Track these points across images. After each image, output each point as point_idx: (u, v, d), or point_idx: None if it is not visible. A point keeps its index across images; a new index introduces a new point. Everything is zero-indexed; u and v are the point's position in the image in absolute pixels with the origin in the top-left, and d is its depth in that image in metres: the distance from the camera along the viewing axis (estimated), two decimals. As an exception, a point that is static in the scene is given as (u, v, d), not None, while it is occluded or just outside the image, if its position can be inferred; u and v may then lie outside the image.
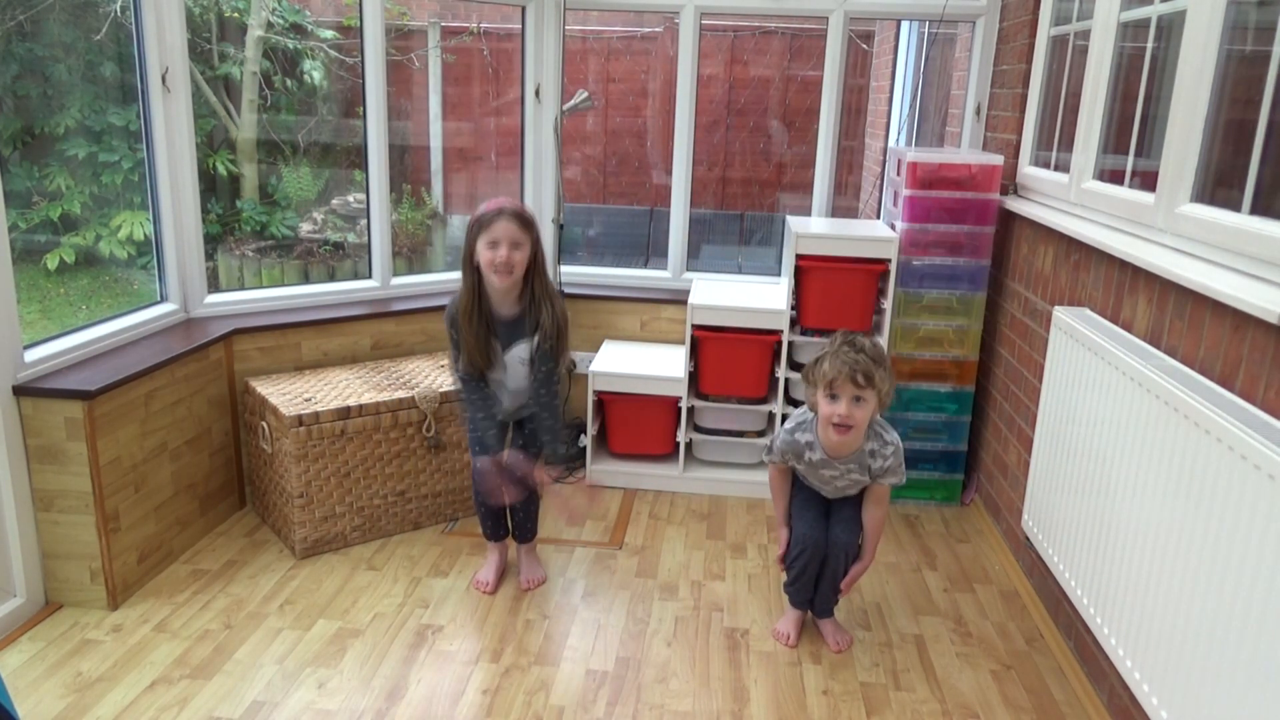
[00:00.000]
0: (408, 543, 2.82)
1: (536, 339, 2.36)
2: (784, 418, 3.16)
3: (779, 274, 3.60)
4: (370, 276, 3.32)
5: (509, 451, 2.46)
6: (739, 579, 2.69)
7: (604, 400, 3.25)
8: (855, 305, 3.04)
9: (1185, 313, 1.86)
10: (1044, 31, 2.86)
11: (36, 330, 4.26)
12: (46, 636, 2.28)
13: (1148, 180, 2.13)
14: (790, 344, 3.14)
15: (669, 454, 3.31)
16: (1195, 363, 1.81)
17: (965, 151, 3.28)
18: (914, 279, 3.03)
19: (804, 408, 2.33)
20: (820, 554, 2.31)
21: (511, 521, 2.63)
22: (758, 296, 3.25)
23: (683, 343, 3.27)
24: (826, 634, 2.39)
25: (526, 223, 2.30)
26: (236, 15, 5.10)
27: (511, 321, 2.38)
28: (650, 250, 5.71)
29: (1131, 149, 2.26)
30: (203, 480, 2.77)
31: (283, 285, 4.55)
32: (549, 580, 2.64)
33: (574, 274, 3.65)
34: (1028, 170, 2.94)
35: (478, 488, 2.51)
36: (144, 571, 2.52)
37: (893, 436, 2.25)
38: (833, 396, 2.12)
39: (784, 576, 2.41)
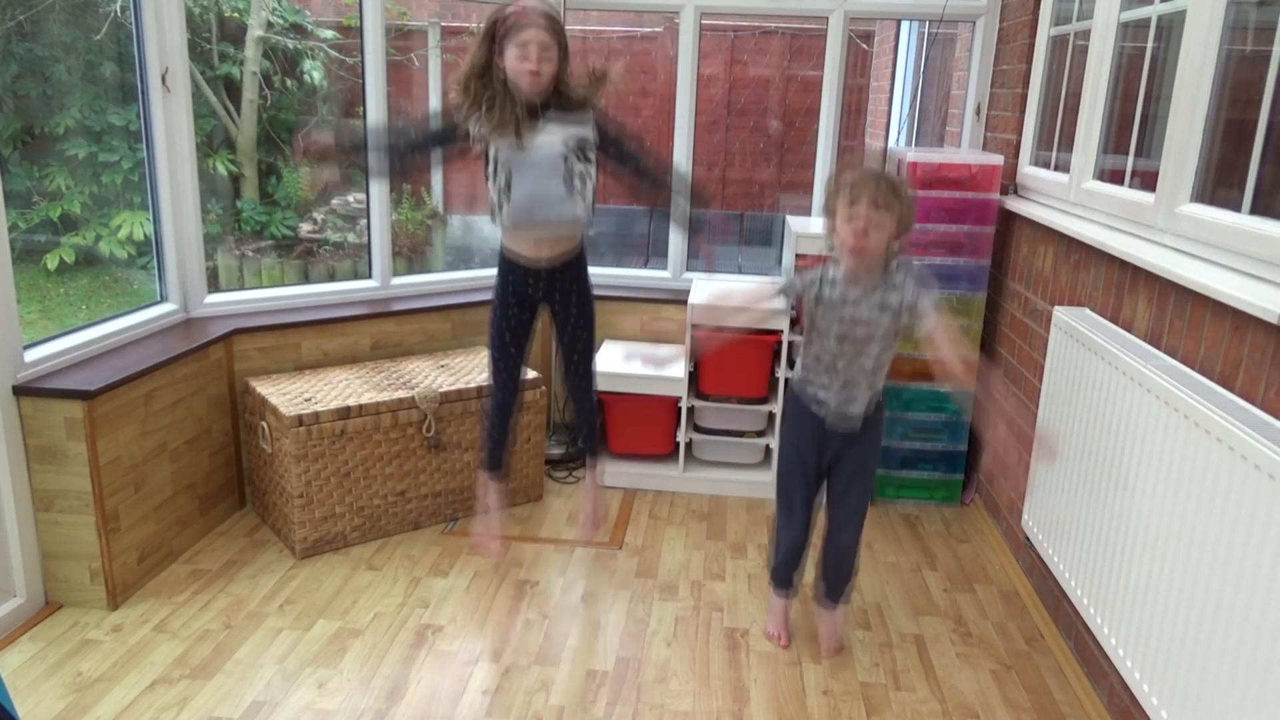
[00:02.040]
0: (408, 543, 2.82)
1: (582, 124, 2.21)
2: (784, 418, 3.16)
3: (779, 274, 3.60)
4: (370, 276, 3.32)
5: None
6: (739, 579, 2.69)
7: (604, 400, 3.25)
8: (855, 305, 3.04)
9: (1185, 313, 1.86)
10: (1044, 31, 2.86)
11: (36, 330, 4.26)
12: (46, 636, 2.28)
13: (1148, 180, 2.13)
14: (790, 344, 3.14)
15: (669, 454, 3.31)
16: (1195, 363, 1.81)
17: (965, 151, 3.28)
18: (914, 279, 3.03)
19: (814, 269, 2.17)
20: (800, 558, 2.30)
21: (579, 428, 2.61)
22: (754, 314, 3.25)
23: (683, 343, 3.27)
24: (824, 629, 2.34)
25: (557, 29, 2.14)
26: (236, 15, 5.11)
27: (536, 112, 2.19)
28: (650, 250, 5.71)
29: (1131, 149, 2.26)
30: (203, 480, 2.77)
31: (283, 285, 4.55)
32: (549, 580, 2.64)
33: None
34: (1028, 170, 2.94)
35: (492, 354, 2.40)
36: (144, 571, 2.52)
37: (904, 263, 2.11)
38: (853, 205, 2.00)
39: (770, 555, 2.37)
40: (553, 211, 2.22)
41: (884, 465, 3.15)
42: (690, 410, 3.25)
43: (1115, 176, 2.34)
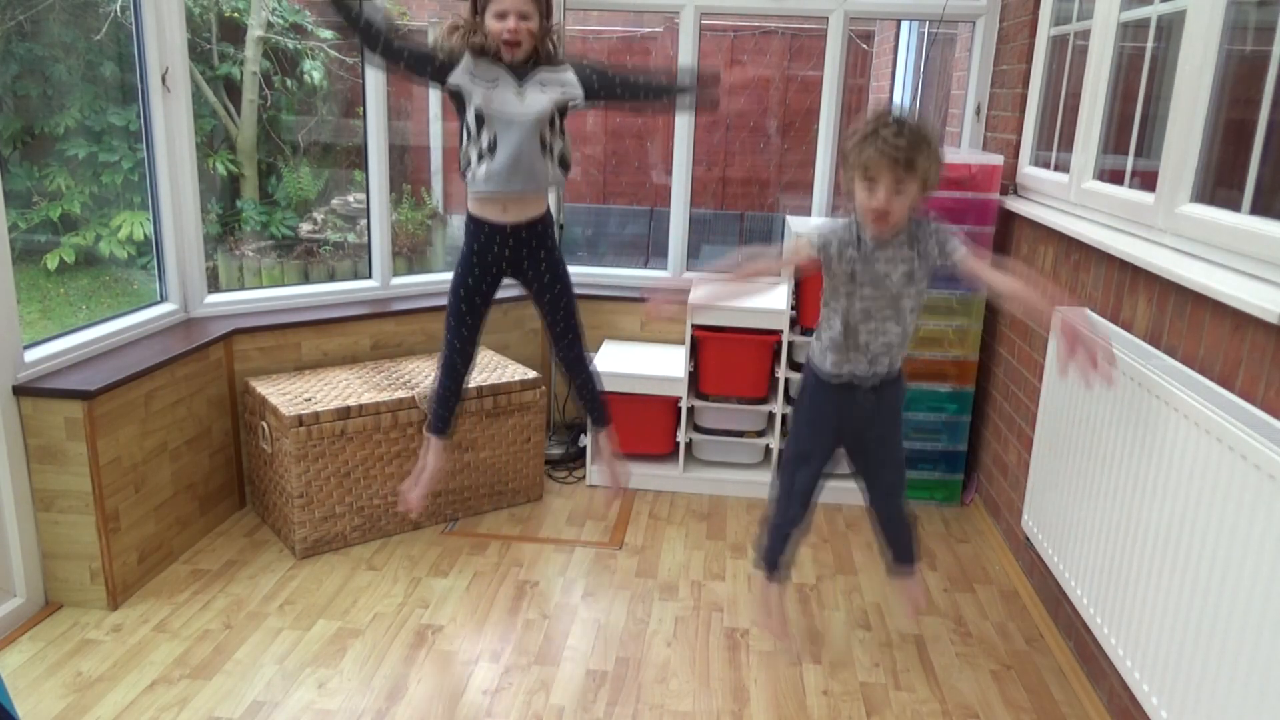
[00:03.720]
0: (408, 543, 2.82)
1: (564, 84, 2.20)
2: (784, 418, 3.17)
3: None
4: (370, 276, 3.32)
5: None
6: (739, 579, 2.69)
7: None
8: (855, 305, 3.04)
9: (1185, 313, 1.86)
10: (1044, 31, 2.86)
11: (36, 330, 4.26)
12: (46, 636, 2.28)
13: (1148, 180, 2.13)
14: (790, 344, 3.14)
15: (669, 454, 3.30)
16: (1195, 363, 1.81)
17: (965, 151, 3.28)
18: (914, 279, 3.02)
19: (840, 220, 2.06)
20: (806, 519, 2.20)
21: (582, 400, 2.55)
22: (758, 296, 3.25)
23: (683, 343, 3.27)
24: (907, 594, 2.32)
25: None
26: (236, 15, 5.10)
27: (517, 74, 2.19)
28: (650, 250, 5.71)
29: (1131, 149, 2.26)
30: (203, 480, 2.77)
31: (283, 285, 4.55)
32: (549, 580, 2.64)
33: (574, 274, 3.64)
34: (1028, 170, 2.94)
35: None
36: (144, 571, 2.52)
37: (928, 218, 2.03)
38: (870, 186, 1.89)
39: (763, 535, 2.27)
40: (531, 173, 2.21)
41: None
42: (690, 410, 3.25)
43: (1115, 176, 2.34)
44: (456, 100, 2.20)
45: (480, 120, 2.18)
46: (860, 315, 2.03)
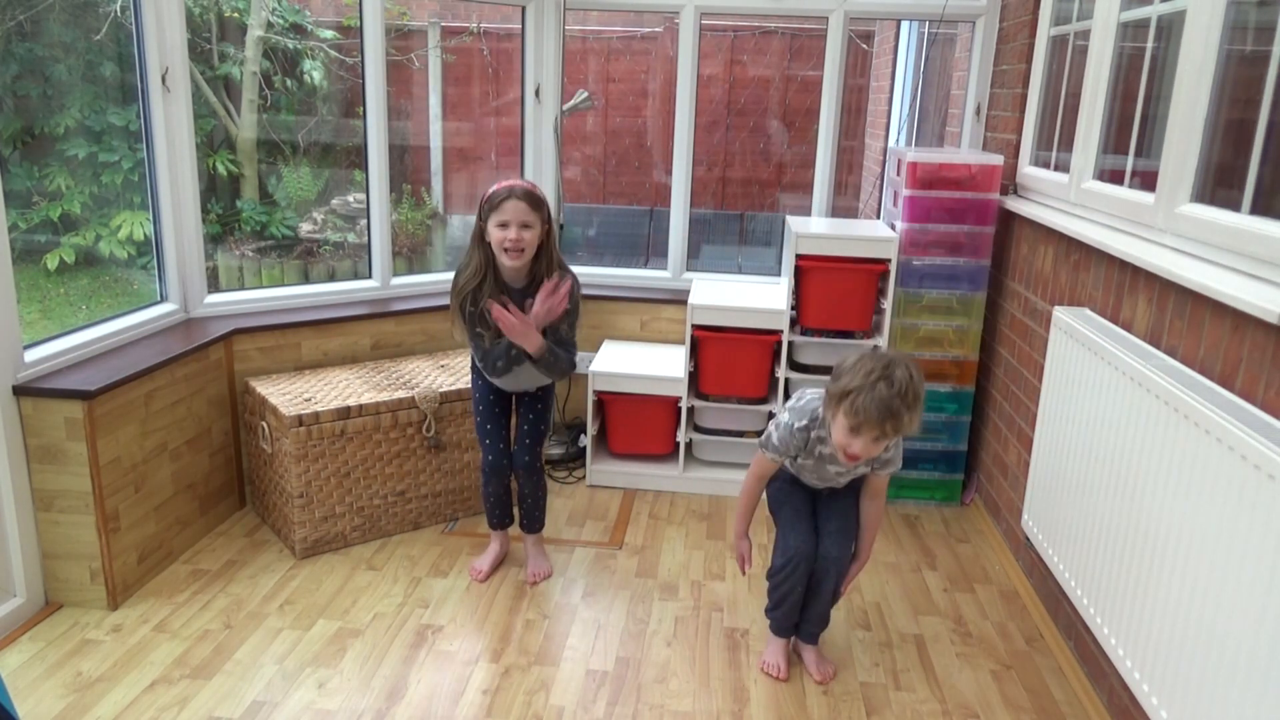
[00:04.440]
0: (408, 543, 2.82)
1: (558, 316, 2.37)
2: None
3: (779, 274, 3.60)
4: (370, 276, 3.32)
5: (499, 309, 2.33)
6: (739, 579, 2.69)
7: (604, 400, 3.25)
8: (855, 305, 3.04)
9: (1185, 313, 1.86)
10: (1044, 31, 2.86)
11: (36, 330, 4.26)
12: (46, 636, 2.28)
13: (1148, 180, 2.13)
14: (790, 344, 3.14)
15: (669, 454, 3.30)
16: (1195, 363, 1.81)
17: (965, 151, 3.28)
18: (914, 279, 3.03)
19: (812, 396, 2.14)
20: (809, 570, 2.18)
21: (519, 510, 2.66)
22: (758, 296, 3.25)
23: (683, 343, 3.27)
24: (810, 663, 2.27)
25: (537, 202, 2.30)
26: (236, 15, 5.10)
27: (522, 293, 2.38)
28: (650, 250, 5.71)
29: (1131, 149, 2.26)
30: (203, 480, 2.77)
31: (283, 285, 4.54)
32: (549, 580, 2.64)
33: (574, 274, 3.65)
34: (1028, 170, 2.94)
35: (485, 475, 2.59)
36: (144, 571, 2.52)
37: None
38: (854, 429, 1.94)
39: (766, 600, 2.27)
40: (531, 378, 2.48)
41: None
42: (690, 410, 3.25)
43: (1115, 176, 2.34)
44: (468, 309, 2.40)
45: (479, 331, 2.39)
46: (813, 484, 2.25)
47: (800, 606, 2.24)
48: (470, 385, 2.61)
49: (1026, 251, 2.83)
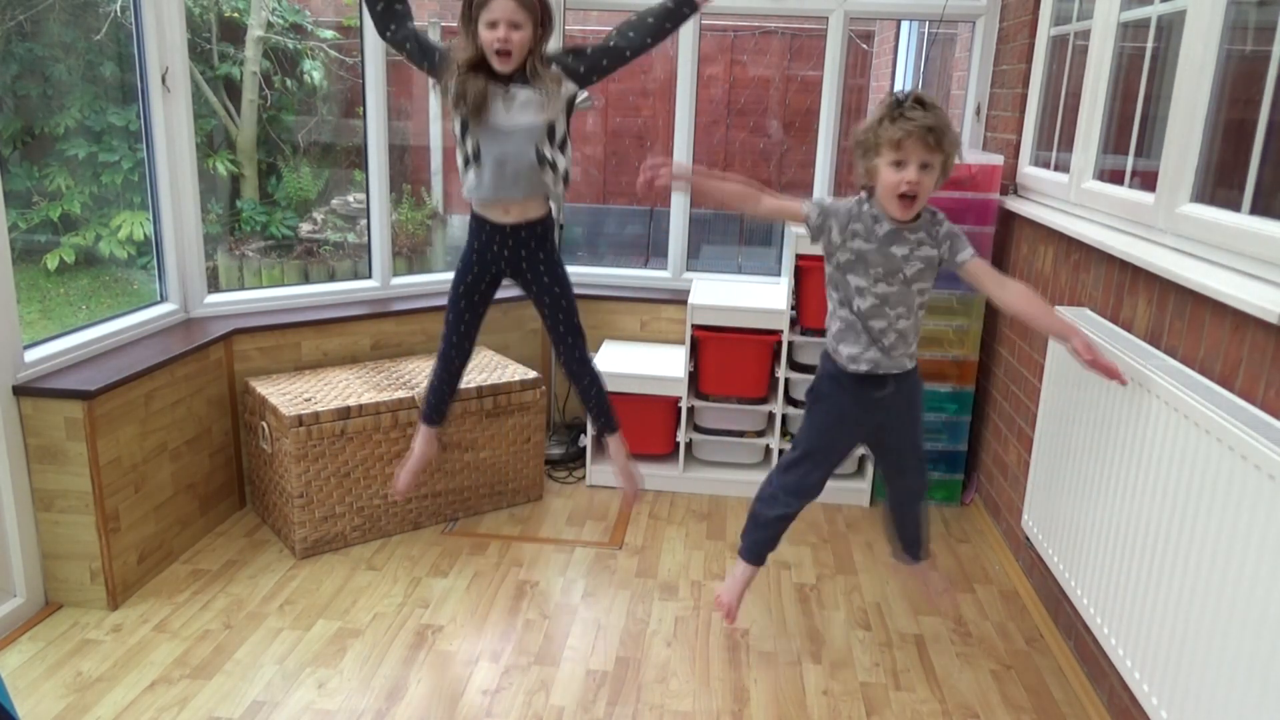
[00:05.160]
0: (408, 543, 2.82)
1: (554, 99, 2.16)
2: (784, 418, 3.17)
3: (779, 274, 3.60)
4: (370, 276, 3.32)
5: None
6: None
7: (604, 400, 3.25)
8: (855, 305, 3.04)
9: (1185, 313, 1.86)
10: (1044, 31, 2.86)
11: (36, 330, 4.26)
12: (46, 636, 2.28)
13: (1148, 180, 2.13)
14: (790, 344, 3.14)
15: (669, 454, 3.30)
16: (1195, 363, 1.81)
17: (965, 151, 3.28)
18: (914, 279, 3.02)
19: (848, 199, 2.03)
20: (799, 511, 2.17)
21: (589, 414, 2.55)
22: (758, 296, 3.25)
23: (683, 343, 3.27)
24: (935, 585, 2.33)
25: (527, 1, 2.10)
26: (236, 15, 5.10)
27: (509, 79, 2.16)
28: (650, 250, 5.71)
29: (1131, 149, 2.26)
30: (203, 480, 2.77)
31: (283, 285, 4.55)
32: (549, 580, 2.64)
33: (574, 274, 3.64)
34: (1028, 170, 2.94)
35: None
36: (144, 571, 2.52)
37: (939, 213, 2.03)
38: (899, 162, 1.86)
39: (746, 521, 2.24)
40: (518, 181, 2.20)
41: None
42: (690, 410, 3.25)
43: (1115, 176, 2.34)
44: (448, 101, 2.18)
45: (465, 126, 2.17)
46: (872, 304, 2.00)
47: (778, 538, 2.22)
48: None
49: (1026, 252, 2.83)
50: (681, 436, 3.22)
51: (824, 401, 2.15)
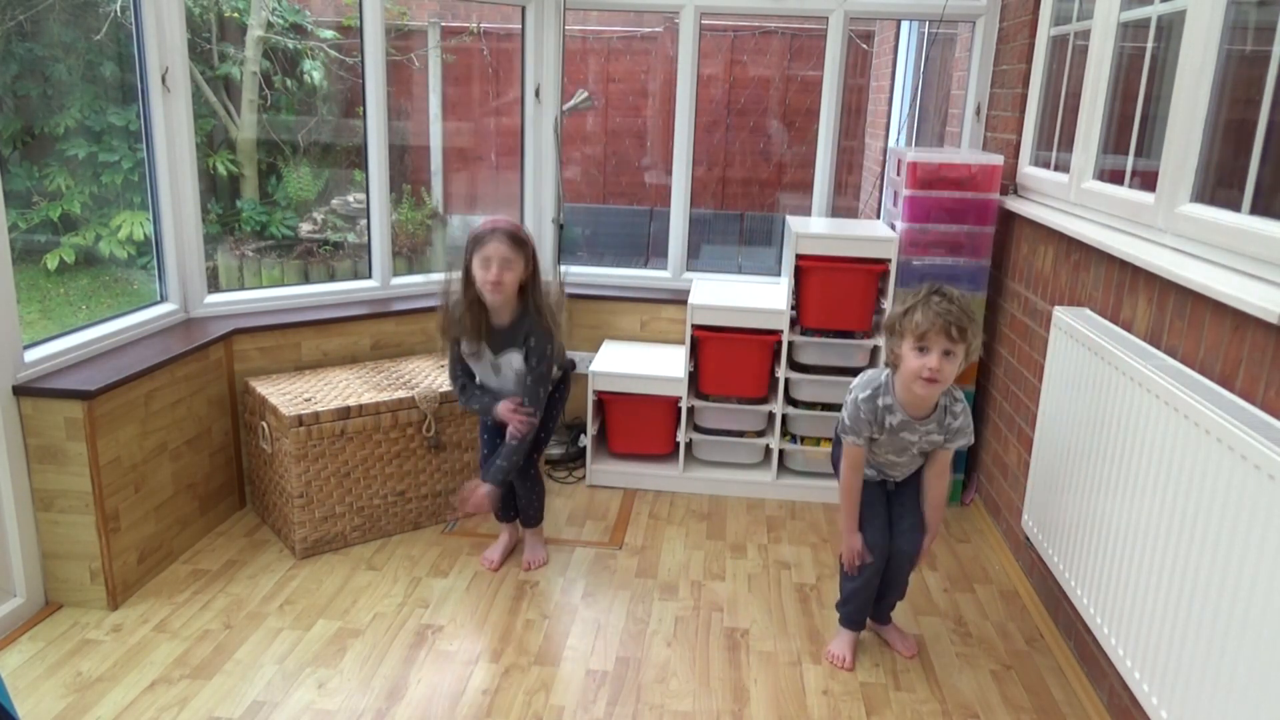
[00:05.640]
0: (408, 543, 2.82)
1: (524, 353, 2.45)
2: (784, 418, 3.17)
3: (779, 274, 3.60)
4: (370, 276, 3.32)
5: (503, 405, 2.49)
6: (739, 579, 2.69)
7: (604, 400, 3.25)
8: (855, 305, 3.05)
9: (1185, 313, 1.86)
10: (1044, 31, 2.86)
11: (36, 330, 4.26)
12: (46, 636, 2.28)
13: (1148, 180, 2.13)
14: (790, 344, 3.14)
15: (669, 454, 3.30)
16: (1195, 363, 1.81)
17: (965, 151, 3.28)
18: (914, 279, 3.02)
19: (870, 371, 2.23)
20: (884, 566, 2.25)
21: (517, 507, 2.71)
22: (758, 296, 3.25)
23: (683, 343, 3.27)
24: (896, 642, 2.35)
25: (519, 242, 2.37)
26: (236, 15, 5.10)
27: (506, 330, 2.45)
28: (650, 250, 5.71)
29: (1131, 149, 2.26)
30: (203, 480, 2.77)
31: (283, 285, 4.54)
32: (549, 580, 2.64)
33: (574, 274, 3.65)
34: (1028, 170, 2.94)
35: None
36: (144, 571, 2.52)
37: (959, 393, 2.19)
38: (922, 349, 2.00)
39: (839, 593, 2.33)
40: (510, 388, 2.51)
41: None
42: (690, 410, 3.25)
43: (1115, 176, 2.34)
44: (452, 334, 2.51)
45: (460, 354, 2.53)
46: (882, 461, 2.24)
47: (873, 600, 2.31)
48: None
49: (1027, 251, 2.83)
50: (681, 436, 3.22)
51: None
